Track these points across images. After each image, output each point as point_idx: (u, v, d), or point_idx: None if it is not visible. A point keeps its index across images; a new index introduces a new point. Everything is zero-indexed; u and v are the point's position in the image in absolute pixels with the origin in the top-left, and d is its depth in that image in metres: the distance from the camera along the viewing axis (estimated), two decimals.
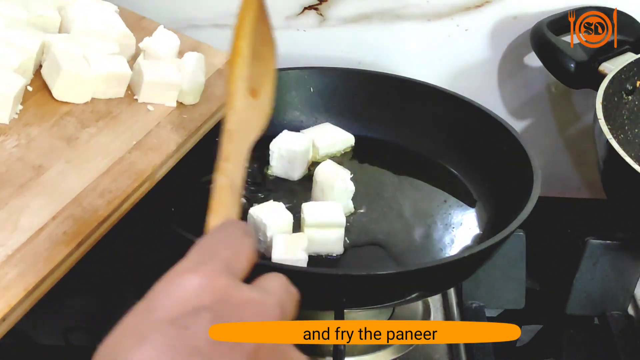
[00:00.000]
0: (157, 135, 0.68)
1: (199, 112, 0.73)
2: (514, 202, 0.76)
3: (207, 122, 0.73)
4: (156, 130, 0.68)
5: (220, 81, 0.77)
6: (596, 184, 0.89)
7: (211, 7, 0.93)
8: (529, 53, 0.95)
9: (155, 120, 0.70)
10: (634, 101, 0.88)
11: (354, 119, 0.92)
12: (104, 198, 0.59)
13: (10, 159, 0.60)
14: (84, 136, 0.64)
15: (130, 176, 0.62)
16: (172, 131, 0.69)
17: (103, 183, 0.61)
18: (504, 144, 0.83)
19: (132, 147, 0.65)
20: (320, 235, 0.74)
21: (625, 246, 0.84)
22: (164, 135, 0.68)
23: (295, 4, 0.93)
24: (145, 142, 0.67)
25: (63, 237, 0.55)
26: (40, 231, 0.55)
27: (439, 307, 0.86)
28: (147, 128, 0.68)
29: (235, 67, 0.56)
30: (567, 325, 0.89)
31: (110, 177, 0.61)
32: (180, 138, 0.69)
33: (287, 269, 0.66)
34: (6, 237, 0.53)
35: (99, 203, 0.59)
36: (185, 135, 0.70)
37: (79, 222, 0.57)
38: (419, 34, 0.95)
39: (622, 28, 0.90)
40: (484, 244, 0.70)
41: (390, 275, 0.66)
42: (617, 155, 0.74)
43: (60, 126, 0.64)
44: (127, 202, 0.61)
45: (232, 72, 0.56)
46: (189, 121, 0.71)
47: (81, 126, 0.65)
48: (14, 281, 0.51)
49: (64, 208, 0.57)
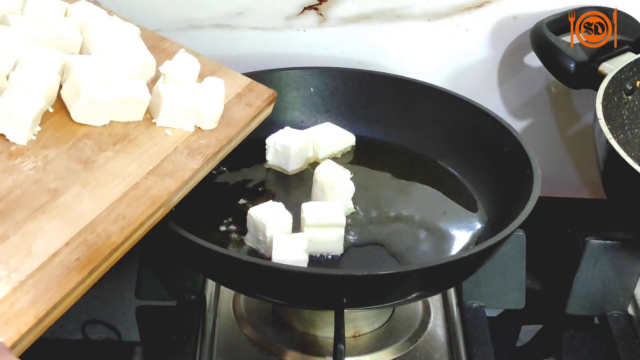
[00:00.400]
0: (173, 160, 0.68)
1: (216, 137, 0.73)
2: (514, 202, 0.76)
3: (224, 148, 0.73)
4: (173, 155, 0.69)
5: (239, 105, 0.78)
6: (596, 184, 0.89)
7: (211, 7, 0.93)
8: (529, 53, 0.95)
9: (173, 145, 0.70)
10: (634, 101, 0.88)
11: (354, 119, 0.92)
12: (117, 224, 0.59)
13: (26, 181, 0.60)
14: (100, 159, 0.64)
15: (146, 202, 0.62)
16: (188, 157, 0.69)
17: (118, 209, 0.60)
18: (504, 144, 0.83)
19: (149, 172, 0.65)
20: (320, 235, 0.74)
21: (625, 246, 0.84)
22: (181, 161, 0.68)
23: (295, 4, 0.93)
24: (161, 168, 0.67)
25: (76, 263, 0.55)
26: (54, 257, 0.55)
27: (439, 307, 0.86)
28: (164, 153, 0.68)
29: None
30: (567, 325, 0.89)
31: (125, 203, 0.61)
32: (197, 164, 0.69)
33: (287, 269, 0.66)
34: (20, 262, 0.53)
35: (112, 229, 0.59)
36: (201, 161, 0.70)
37: (92, 248, 0.57)
38: (419, 34, 0.95)
39: (622, 28, 0.90)
40: (484, 244, 0.70)
41: (390, 275, 0.66)
42: (617, 155, 0.74)
43: (77, 148, 0.64)
44: (141, 228, 0.61)
45: None
46: (205, 147, 0.71)
47: (98, 149, 0.65)
48: (26, 308, 0.51)
49: (78, 234, 0.57)
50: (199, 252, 0.68)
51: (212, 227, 0.77)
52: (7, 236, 0.55)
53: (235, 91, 0.79)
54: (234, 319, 0.82)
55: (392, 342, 0.80)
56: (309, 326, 0.79)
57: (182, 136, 0.71)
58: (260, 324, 0.81)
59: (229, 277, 0.73)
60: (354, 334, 0.79)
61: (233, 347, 0.79)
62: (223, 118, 0.75)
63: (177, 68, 0.74)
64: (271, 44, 0.95)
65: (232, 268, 0.68)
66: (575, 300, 0.87)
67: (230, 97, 0.78)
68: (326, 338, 0.78)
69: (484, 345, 0.80)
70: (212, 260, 0.69)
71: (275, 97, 0.83)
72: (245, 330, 0.81)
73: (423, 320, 0.83)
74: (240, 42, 0.95)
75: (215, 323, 0.82)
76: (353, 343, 0.78)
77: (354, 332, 0.79)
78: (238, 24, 0.94)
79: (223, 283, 0.80)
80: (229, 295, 0.85)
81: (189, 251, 0.70)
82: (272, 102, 0.82)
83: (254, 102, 0.79)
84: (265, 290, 0.71)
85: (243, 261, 0.67)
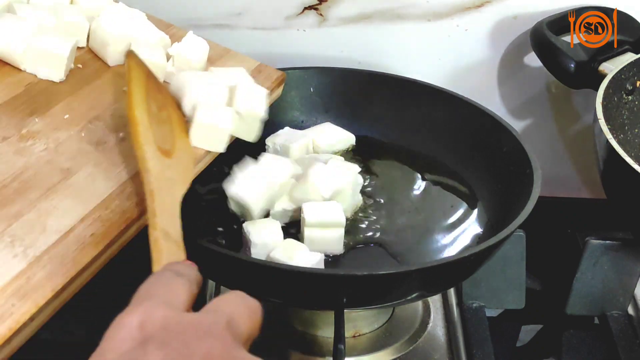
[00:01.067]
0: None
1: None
2: (514, 202, 0.76)
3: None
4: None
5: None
6: (596, 184, 0.89)
7: (211, 7, 0.93)
8: (529, 53, 0.95)
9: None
10: (634, 101, 0.88)
11: (354, 119, 0.92)
12: (132, 200, 0.59)
13: (38, 162, 0.59)
14: (112, 140, 0.64)
15: None
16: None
17: (131, 186, 0.60)
18: (504, 144, 0.83)
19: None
20: (320, 235, 0.74)
21: (625, 246, 0.84)
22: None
23: (295, 4, 0.93)
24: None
25: (91, 239, 0.55)
26: (69, 233, 0.54)
27: (439, 307, 0.86)
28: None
29: (138, 135, 0.59)
30: (567, 325, 0.89)
31: (138, 181, 0.60)
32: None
33: (287, 269, 0.66)
34: (35, 239, 0.53)
35: (126, 205, 0.58)
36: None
37: (107, 224, 0.56)
38: (419, 34, 0.95)
39: (622, 28, 0.90)
40: (484, 244, 0.70)
41: (390, 275, 0.66)
42: (617, 155, 0.74)
43: (88, 130, 0.64)
44: None
45: (136, 140, 0.59)
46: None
47: (109, 130, 0.65)
48: (42, 282, 0.51)
49: (92, 211, 0.57)
50: (198, 252, 0.68)
51: (212, 227, 0.77)
52: (21, 214, 0.54)
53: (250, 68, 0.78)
54: None
55: (392, 342, 0.80)
56: (309, 326, 0.79)
57: None
58: None
59: (229, 277, 0.73)
60: (354, 334, 0.79)
61: None
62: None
63: (186, 50, 0.74)
64: (271, 44, 0.95)
65: (232, 268, 0.68)
66: (575, 300, 0.87)
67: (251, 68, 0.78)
68: (326, 338, 0.78)
69: (484, 345, 0.80)
70: (212, 260, 0.69)
71: (284, 78, 0.82)
72: None
73: (423, 320, 0.83)
74: (240, 42, 0.95)
75: None
76: (353, 343, 0.78)
77: (354, 332, 0.79)
78: (238, 23, 0.94)
79: (223, 283, 0.80)
80: None
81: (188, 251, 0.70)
82: (281, 83, 0.81)
83: (263, 83, 0.78)
84: (265, 290, 0.71)
85: (243, 261, 0.67)
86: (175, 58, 0.74)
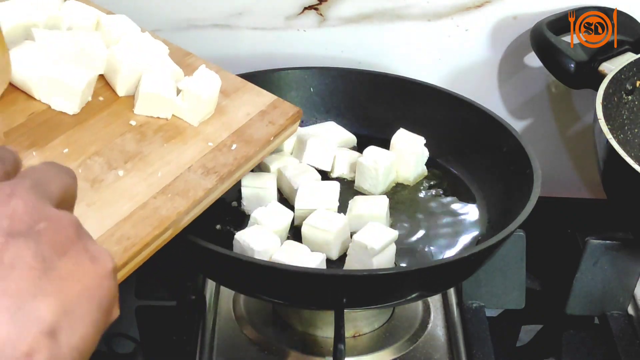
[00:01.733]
0: (186, 179, 0.65)
1: (234, 155, 0.69)
2: (514, 202, 0.76)
3: (242, 167, 0.70)
4: (186, 174, 0.65)
5: (261, 123, 0.74)
6: (596, 184, 0.89)
7: (211, 7, 0.93)
8: (529, 53, 0.95)
9: (187, 164, 0.66)
10: (634, 101, 0.88)
11: (353, 118, 0.92)
12: (121, 245, 0.57)
13: None
14: (109, 178, 0.62)
15: (152, 223, 0.60)
16: (202, 176, 0.66)
17: (122, 229, 0.58)
18: (504, 144, 0.83)
19: (158, 191, 0.62)
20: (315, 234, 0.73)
21: (625, 246, 0.84)
22: (194, 180, 0.65)
23: (295, 4, 0.93)
24: (172, 187, 0.63)
25: None
26: None
27: (439, 307, 0.86)
28: (176, 172, 0.65)
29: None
30: (567, 325, 0.89)
31: (130, 223, 0.59)
32: (210, 184, 0.65)
33: (287, 269, 0.66)
34: None
35: (114, 249, 0.56)
36: (216, 180, 0.66)
37: None
38: (419, 34, 0.95)
39: (622, 28, 0.90)
40: (484, 244, 0.70)
41: (390, 275, 0.66)
42: (617, 155, 0.74)
43: (86, 166, 0.62)
44: (146, 250, 0.59)
45: None
46: (222, 165, 0.68)
47: (108, 167, 0.63)
48: None
49: None
50: (198, 252, 0.68)
51: (210, 227, 0.77)
52: None
53: (258, 108, 0.76)
54: (234, 319, 0.82)
55: (392, 342, 0.80)
56: (309, 326, 0.79)
57: (198, 154, 0.68)
58: (260, 324, 0.81)
59: (229, 277, 0.73)
60: (354, 334, 0.79)
61: (233, 347, 0.79)
62: (243, 136, 0.72)
63: (196, 85, 0.71)
64: (271, 44, 0.95)
65: (232, 268, 0.68)
66: (575, 300, 0.87)
67: (252, 115, 0.75)
68: (326, 338, 0.78)
69: (484, 345, 0.80)
70: (212, 260, 0.69)
71: (300, 114, 0.78)
72: (245, 330, 0.81)
73: (423, 320, 0.83)
74: (240, 42, 0.95)
75: (215, 323, 0.82)
76: (353, 343, 0.78)
77: (354, 332, 0.79)
78: (238, 24, 0.94)
79: (223, 283, 0.80)
80: (229, 295, 0.85)
81: (188, 251, 0.70)
82: (296, 120, 0.78)
83: (277, 120, 0.75)
84: (265, 290, 0.71)
85: (243, 261, 0.67)
86: (185, 93, 0.70)
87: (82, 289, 0.37)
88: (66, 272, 0.36)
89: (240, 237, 0.71)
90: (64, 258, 0.37)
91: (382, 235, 0.71)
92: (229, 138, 0.71)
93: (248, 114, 0.74)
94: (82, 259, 0.38)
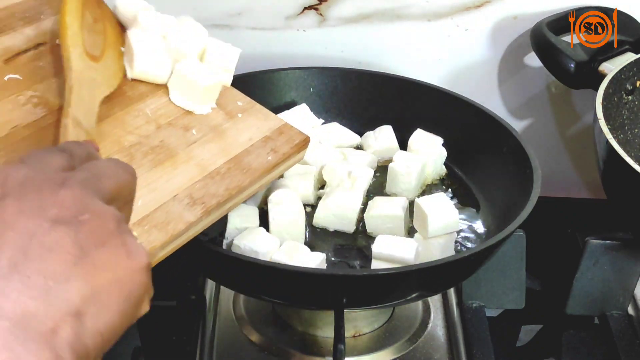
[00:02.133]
0: (168, 210, 0.60)
1: (225, 185, 0.64)
2: (514, 202, 0.76)
3: (233, 199, 0.65)
4: (170, 204, 0.60)
5: (262, 150, 0.69)
6: (596, 184, 0.89)
7: (211, 7, 0.93)
8: (529, 53, 0.95)
9: (173, 192, 0.61)
10: (634, 101, 0.88)
11: (353, 118, 0.92)
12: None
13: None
14: None
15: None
16: (187, 207, 0.61)
17: None
18: (504, 144, 0.83)
19: (135, 222, 0.57)
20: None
21: (625, 246, 0.84)
22: (176, 212, 0.60)
23: (295, 4, 0.93)
24: (151, 218, 0.58)
25: None
26: None
27: (439, 307, 0.86)
28: (160, 200, 0.60)
29: (66, 38, 0.64)
30: (567, 325, 0.89)
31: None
32: (193, 217, 0.60)
33: (287, 269, 0.66)
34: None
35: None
36: (201, 213, 0.61)
37: None
38: (419, 34, 0.95)
39: (622, 28, 0.90)
40: (484, 244, 0.70)
41: (390, 275, 0.66)
42: (617, 155, 0.74)
43: None
44: None
45: (64, 43, 0.64)
46: (210, 196, 0.62)
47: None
48: None
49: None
50: (199, 252, 0.68)
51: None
52: None
53: (263, 133, 0.70)
54: (234, 319, 0.82)
55: (392, 342, 0.80)
56: (309, 326, 0.79)
57: (187, 181, 0.63)
58: (260, 324, 0.81)
59: (229, 277, 0.73)
60: (354, 334, 0.79)
61: (233, 347, 0.79)
62: (240, 164, 0.66)
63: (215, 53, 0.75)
64: (271, 44, 0.95)
65: (232, 268, 0.68)
66: (575, 300, 0.87)
67: (255, 140, 0.69)
68: (326, 338, 0.78)
69: (484, 345, 0.80)
70: (213, 260, 0.69)
71: (307, 142, 0.72)
72: (245, 330, 0.81)
73: (423, 320, 0.83)
74: (239, 42, 0.94)
75: (215, 323, 0.82)
76: (353, 343, 0.78)
77: (354, 332, 0.79)
78: (237, 24, 0.94)
79: (223, 283, 0.80)
80: (229, 295, 0.85)
81: (189, 251, 0.70)
82: (302, 148, 0.72)
83: (281, 148, 0.70)
84: (265, 290, 0.71)
85: (243, 261, 0.67)
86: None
87: (114, 279, 0.39)
88: (101, 261, 0.38)
89: (240, 242, 0.71)
90: (101, 248, 0.39)
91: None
92: (224, 165, 0.66)
93: (250, 139, 0.69)
94: (119, 252, 0.39)
